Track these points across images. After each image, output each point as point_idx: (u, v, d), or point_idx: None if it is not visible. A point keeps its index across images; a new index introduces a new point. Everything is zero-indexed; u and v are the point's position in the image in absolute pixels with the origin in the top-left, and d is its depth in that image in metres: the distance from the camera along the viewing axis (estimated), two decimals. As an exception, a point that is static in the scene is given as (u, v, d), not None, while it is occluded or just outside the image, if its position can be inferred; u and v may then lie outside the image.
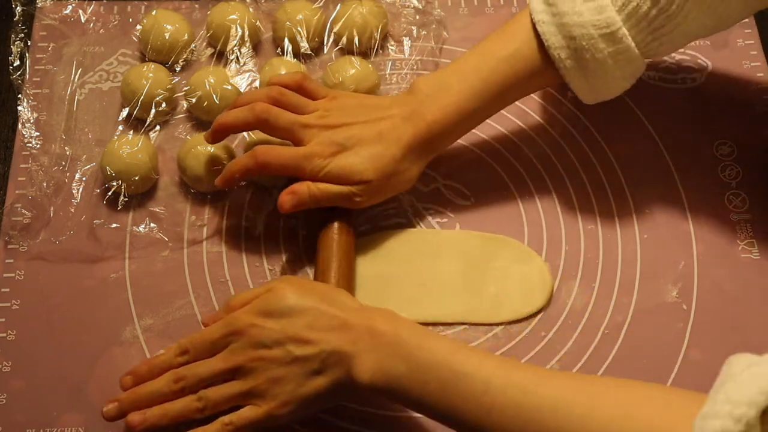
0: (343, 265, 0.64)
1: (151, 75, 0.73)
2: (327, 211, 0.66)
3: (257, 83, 0.75)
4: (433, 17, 0.79)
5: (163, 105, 0.73)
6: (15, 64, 0.76)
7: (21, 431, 0.61)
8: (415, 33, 0.79)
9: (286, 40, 0.76)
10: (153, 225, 0.69)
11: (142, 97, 0.72)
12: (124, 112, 0.74)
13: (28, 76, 0.76)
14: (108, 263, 0.68)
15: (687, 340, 0.65)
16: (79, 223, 0.69)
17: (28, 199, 0.70)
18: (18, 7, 0.78)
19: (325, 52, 0.78)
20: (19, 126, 0.73)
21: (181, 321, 0.66)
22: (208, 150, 0.69)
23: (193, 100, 0.72)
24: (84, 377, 0.63)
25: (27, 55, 0.77)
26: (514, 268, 0.67)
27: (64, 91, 0.75)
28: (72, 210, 0.70)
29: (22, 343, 0.65)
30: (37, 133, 0.73)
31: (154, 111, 0.72)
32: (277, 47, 0.78)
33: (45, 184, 0.70)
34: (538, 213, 0.71)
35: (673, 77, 0.77)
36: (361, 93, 0.73)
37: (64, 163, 0.71)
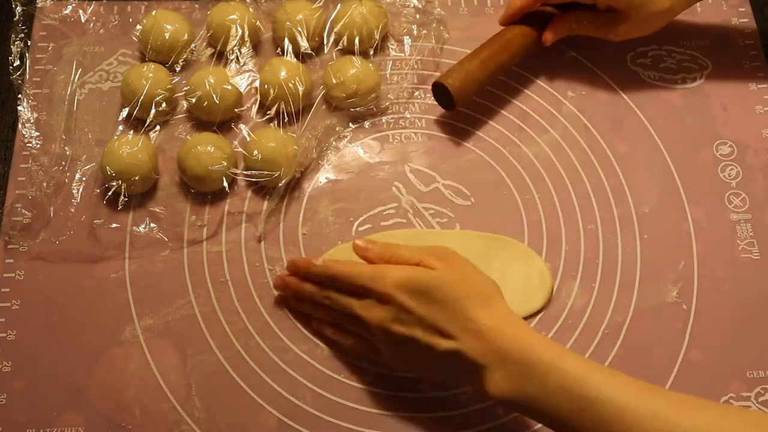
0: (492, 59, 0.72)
1: (151, 75, 0.73)
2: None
3: (257, 83, 0.75)
4: (433, 16, 0.79)
5: (163, 105, 0.73)
6: (15, 64, 0.76)
7: (21, 431, 0.61)
8: (415, 32, 0.79)
9: (286, 40, 0.76)
10: (153, 225, 0.69)
11: (142, 97, 0.72)
12: (124, 112, 0.74)
13: (28, 76, 0.76)
14: (108, 263, 0.68)
15: (687, 340, 0.65)
16: (79, 223, 0.69)
17: (28, 199, 0.70)
18: (18, 7, 0.78)
19: (325, 51, 0.78)
20: (19, 126, 0.73)
21: (181, 321, 0.66)
22: (208, 150, 0.69)
23: (193, 100, 0.72)
24: (84, 377, 0.63)
25: (27, 55, 0.77)
26: (514, 268, 0.67)
27: (64, 91, 0.75)
28: (72, 210, 0.70)
29: (22, 343, 0.65)
30: (37, 133, 0.73)
31: (154, 111, 0.72)
32: (277, 47, 0.78)
33: (45, 184, 0.70)
34: (538, 213, 0.71)
35: (673, 77, 0.77)
36: (362, 93, 0.73)
37: (64, 163, 0.71)
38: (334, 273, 0.61)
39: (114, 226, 0.69)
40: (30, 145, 0.72)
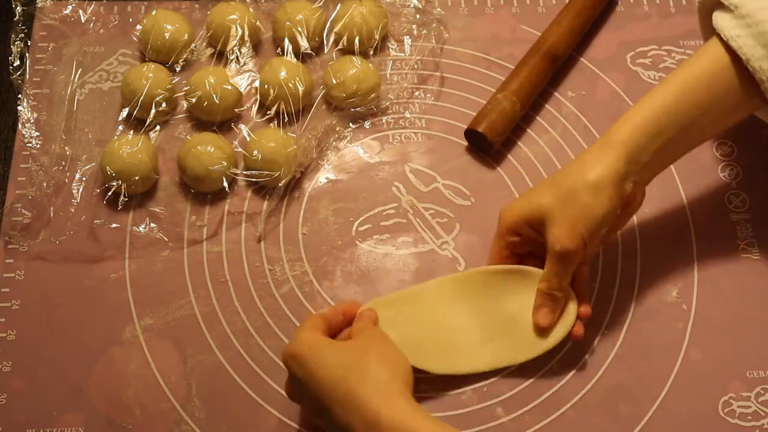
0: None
1: (151, 75, 0.73)
2: None
3: (257, 83, 0.75)
4: (433, 16, 0.79)
5: (163, 105, 0.73)
6: (15, 64, 0.76)
7: (21, 431, 0.61)
8: (415, 32, 0.79)
9: (286, 40, 0.76)
10: (153, 225, 0.69)
11: (142, 97, 0.72)
12: (124, 112, 0.74)
13: (28, 76, 0.76)
14: (108, 263, 0.68)
15: (687, 340, 0.65)
16: (79, 223, 0.69)
17: (28, 199, 0.70)
18: (18, 7, 0.78)
19: (325, 51, 0.78)
20: (19, 126, 0.74)
21: (181, 321, 0.66)
22: (208, 150, 0.69)
23: (193, 100, 0.72)
24: (84, 377, 0.63)
25: (27, 55, 0.77)
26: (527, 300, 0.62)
27: (64, 91, 0.75)
28: (72, 210, 0.70)
29: (22, 343, 0.65)
30: (37, 133, 0.73)
31: (154, 111, 0.72)
32: (277, 47, 0.78)
33: (45, 184, 0.70)
34: (538, 213, 0.71)
35: (674, 77, 0.77)
36: (362, 93, 0.73)
37: (64, 163, 0.71)
38: None
39: (114, 226, 0.69)
40: (30, 145, 0.72)
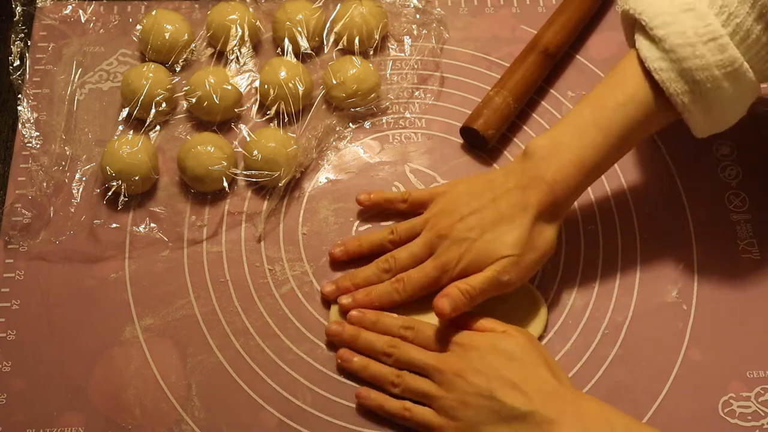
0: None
1: (151, 75, 0.73)
2: None
3: (257, 83, 0.75)
4: (433, 16, 0.79)
5: (163, 105, 0.73)
6: (15, 64, 0.76)
7: (21, 431, 0.61)
8: (415, 32, 0.79)
9: (286, 40, 0.76)
10: (153, 225, 0.69)
11: (142, 97, 0.72)
12: (124, 112, 0.74)
13: (28, 76, 0.76)
14: (108, 263, 0.68)
15: (687, 340, 0.65)
16: (79, 223, 0.69)
17: (28, 199, 0.70)
18: (18, 7, 0.78)
19: (325, 51, 0.78)
20: (19, 126, 0.74)
21: (181, 321, 0.66)
22: (208, 150, 0.69)
23: (193, 100, 0.72)
24: (84, 377, 0.63)
25: (27, 55, 0.77)
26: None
27: (64, 91, 0.75)
28: (72, 210, 0.70)
29: (22, 343, 0.65)
30: (37, 133, 0.73)
31: (154, 111, 0.72)
32: (277, 47, 0.78)
33: (45, 184, 0.70)
34: (538, 213, 0.71)
35: (673, 77, 0.77)
36: (362, 93, 0.73)
37: (64, 163, 0.71)
38: (414, 326, 0.63)
39: (114, 226, 0.69)
40: (30, 145, 0.72)
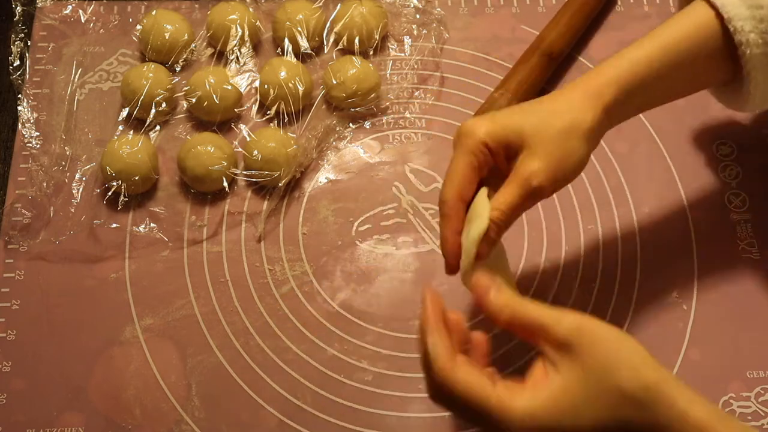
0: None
1: (151, 75, 0.73)
2: None
3: (257, 83, 0.75)
4: (433, 16, 0.79)
5: (163, 105, 0.73)
6: (15, 64, 0.76)
7: (21, 431, 0.61)
8: (415, 32, 0.79)
9: (286, 40, 0.76)
10: (153, 225, 0.69)
11: (142, 97, 0.72)
12: (124, 112, 0.74)
13: (28, 76, 0.76)
14: (108, 263, 0.68)
15: (687, 340, 0.65)
16: (79, 223, 0.69)
17: (28, 199, 0.70)
18: (18, 7, 0.78)
19: (325, 51, 0.78)
20: (19, 126, 0.74)
21: (181, 321, 0.66)
22: (208, 150, 0.69)
23: (193, 100, 0.72)
24: (84, 377, 0.63)
25: (27, 55, 0.77)
26: None
27: (64, 91, 0.75)
28: (72, 210, 0.70)
29: (22, 343, 0.65)
30: (37, 133, 0.73)
31: (154, 111, 0.72)
32: (277, 47, 0.78)
33: (45, 184, 0.70)
34: (538, 213, 0.71)
35: (673, 77, 0.77)
36: (362, 93, 0.73)
37: (64, 163, 0.71)
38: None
39: (114, 226, 0.69)
40: (30, 145, 0.72)
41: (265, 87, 0.73)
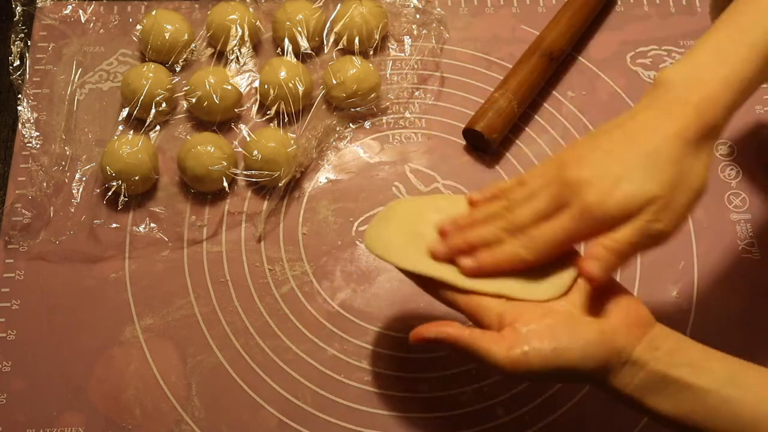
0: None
1: (151, 75, 0.73)
2: None
3: (257, 83, 0.75)
4: (433, 16, 0.79)
5: (163, 105, 0.73)
6: (15, 64, 0.76)
7: (21, 431, 0.61)
8: (415, 32, 0.79)
9: (286, 40, 0.76)
10: (153, 225, 0.69)
11: (142, 97, 0.72)
12: (124, 112, 0.74)
13: (28, 76, 0.76)
14: (108, 263, 0.68)
15: (687, 340, 0.65)
16: (79, 223, 0.69)
17: (28, 199, 0.70)
18: (18, 7, 0.78)
19: (325, 51, 0.78)
20: (19, 126, 0.74)
21: (181, 321, 0.66)
22: (208, 150, 0.69)
23: (193, 100, 0.72)
24: (84, 377, 0.63)
25: (27, 55, 0.77)
26: None
27: (64, 91, 0.75)
28: (72, 210, 0.70)
29: (22, 343, 0.65)
30: (37, 133, 0.73)
31: (154, 111, 0.72)
32: (277, 47, 0.78)
33: (45, 184, 0.70)
34: (538, 213, 0.71)
35: (674, 77, 0.77)
36: (362, 93, 0.73)
37: (64, 163, 0.71)
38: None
39: (114, 226, 0.69)
40: (30, 145, 0.72)
41: (265, 87, 0.73)
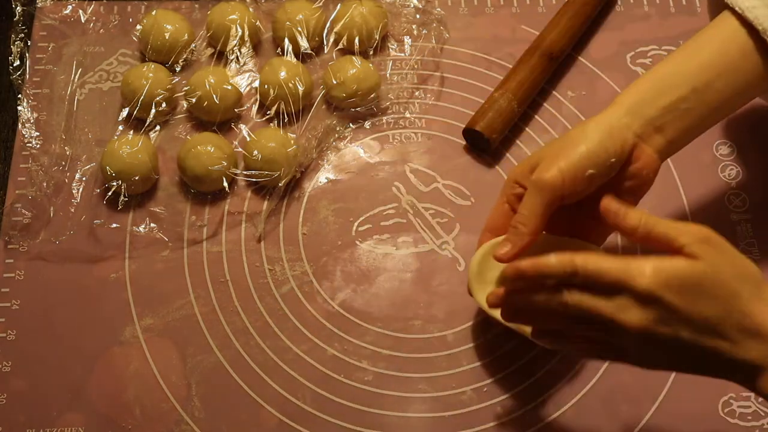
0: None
1: (151, 75, 0.73)
2: None
3: (257, 83, 0.75)
4: (433, 16, 0.79)
5: (163, 105, 0.73)
6: (15, 64, 0.76)
7: (21, 431, 0.61)
8: (415, 32, 0.79)
9: (286, 40, 0.76)
10: (153, 225, 0.69)
11: (142, 97, 0.72)
12: (124, 112, 0.74)
13: (28, 76, 0.76)
14: (108, 263, 0.68)
15: (687, 340, 0.65)
16: (79, 223, 0.69)
17: (28, 199, 0.70)
18: (18, 7, 0.78)
19: (325, 51, 0.78)
20: (19, 126, 0.73)
21: (181, 321, 0.66)
22: (208, 150, 0.69)
23: (193, 100, 0.72)
24: (84, 377, 0.63)
25: (27, 55, 0.77)
26: None
27: (64, 91, 0.75)
28: (72, 210, 0.70)
29: (22, 343, 0.65)
30: (37, 133, 0.73)
31: (154, 111, 0.72)
32: (277, 47, 0.78)
33: (45, 184, 0.70)
34: (538, 213, 0.71)
35: (674, 77, 0.77)
36: (362, 93, 0.73)
37: (64, 163, 0.71)
38: (577, 268, 0.49)
39: (114, 226, 0.69)
40: (30, 145, 0.72)
41: (265, 87, 0.73)
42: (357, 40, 0.76)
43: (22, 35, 0.77)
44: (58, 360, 0.64)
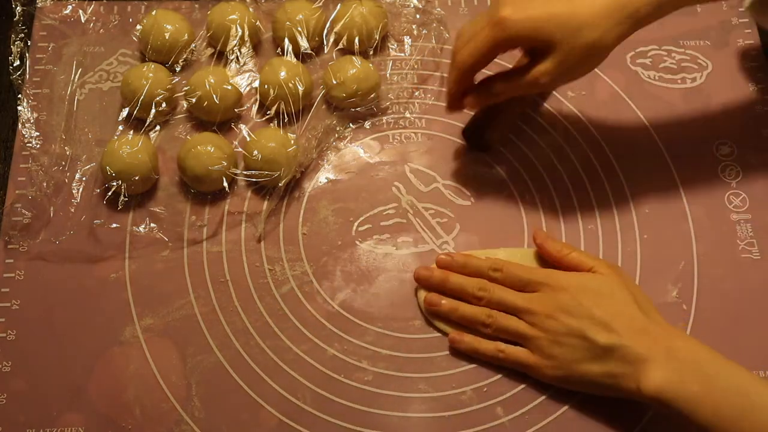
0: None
1: (151, 75, 0.73)
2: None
3: (257, 83, 0.75)
4: (433, 16, 0.79)
5: (163, 105, 0.73)
6: (15, 64, 0.76)
7: (21, 431, 0.61)
8: (415, 32, 0.79)
9: (286, 40, 0.76)
10: (153, 225, 0.69)
11: (142, 97, 0.72)
12: (124, 112, 0.74)
13: (28, 76, 0.76)
14: (108, 263, 0.68)
15: (687, 340, 0.65)
16: (79, 223, 0.69)
17: (28, 199, 0.70)
18: (18, 7, 0.78)
19: (325, 51, 0.78)
20: (19, 126, 0.74)
21: (181, 321, 0.66)
22: (208, 150, 0.69)
23: (193, 100, 0.72)
24: (84, 377, 0.63)
25: (27, 55, 0.77)
26: None
27: (64, 91, 0.75)
28: (72, 210, 0.70)
29: (22, 343, 0.65)
30: (37, 133, 0.73)
31: (154, 111, 0.72)
32: (277, 47, 0.78)
33: (45, 184, 0.70)
34: (538, 213, 0.71)
35: (673, 77, 0.77)
36: (362, 93, 0.73)
37: (64, 163, 0.71)
38: (502, 267, 0.63)
39: (114, 226, 0.69)
40: (30, 145, 0.72)
41: (265, 87, 0.73)
42: (357, 40, 0.76)
43: (22, 35, 0.77)
44: (58, 360, 0.64)
